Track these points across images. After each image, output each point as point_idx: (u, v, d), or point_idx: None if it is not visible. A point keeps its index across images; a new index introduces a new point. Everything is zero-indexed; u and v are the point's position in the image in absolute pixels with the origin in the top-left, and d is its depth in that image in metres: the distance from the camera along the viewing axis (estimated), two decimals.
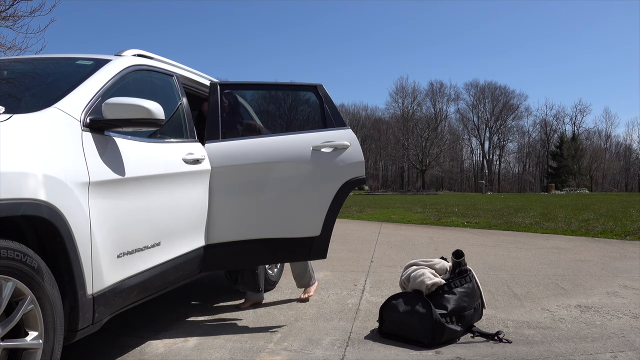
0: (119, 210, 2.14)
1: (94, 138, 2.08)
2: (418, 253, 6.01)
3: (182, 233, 2.69)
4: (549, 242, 7.21)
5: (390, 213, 12.96)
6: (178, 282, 2.77)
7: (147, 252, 2.36)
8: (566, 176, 55.74)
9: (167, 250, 2.54)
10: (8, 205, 1.59)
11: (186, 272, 2.80)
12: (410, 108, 61.80)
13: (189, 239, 2.76)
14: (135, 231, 2.27)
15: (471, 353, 2.56)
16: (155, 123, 2.19)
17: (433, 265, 3.07)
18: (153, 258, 2.42)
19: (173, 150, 2.69)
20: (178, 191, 2.63)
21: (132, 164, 2.24)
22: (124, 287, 2.19)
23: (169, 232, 2.55)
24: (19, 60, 2.87)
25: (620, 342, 2.73)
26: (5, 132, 1.69)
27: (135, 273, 2.27)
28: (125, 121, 2.12)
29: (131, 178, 2.22)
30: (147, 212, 2.37)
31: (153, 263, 2.42)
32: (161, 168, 2.50)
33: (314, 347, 2.67)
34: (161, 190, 2.48)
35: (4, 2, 8.45)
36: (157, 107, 2.18)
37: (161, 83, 2.90)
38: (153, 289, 2.48)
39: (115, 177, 2.11)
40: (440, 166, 59.61)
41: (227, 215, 2.98)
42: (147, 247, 2.37)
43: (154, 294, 2.54)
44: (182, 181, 2.67)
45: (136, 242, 2.28)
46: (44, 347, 1.73)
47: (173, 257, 2.60)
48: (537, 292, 3.96)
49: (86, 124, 2.08)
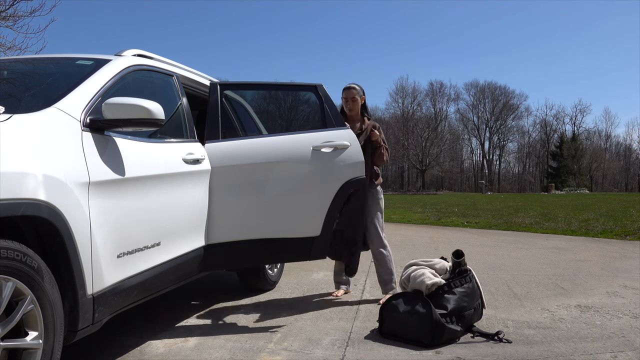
0: (119, 210, 2.14)
1: (94, 138, 2.08)
2: (418, 253, 6.01)
3: (182, 233, 2.69)
4: (549, 242, 7.21)
5: (390, 213, 12.96)
6: (178, 282, 2.77)
7: (147, 252, 2.36)
8: (566, 176, 55.75)
9: (167, 250, 2.54)
10: (8, 205, 1.59)
11: (186, 272, 2.80)
12: (410, 108, 61.80)
13: (189, 239, 2.76)
14: (135, 231, 2.26)
15: (471, 353, 2.56)
16: (155, 123, 2.19)
17: (433, 265, 3.07)
18: (153, 258, 2.41)
19: (173, 150, 2.69)
20: (178, 191, 2.63)
21: (132, 164, 2.24)
22: (124, 287, 2.19)
23: (169, 232, 2.55)
24: (19, 60, 2.87)
25: (620, 342, 2.73)
26: (5, 132, 1.69)
27: (136, 273, 2.27)
28: (125, 121, 2.12)
29: (131, 178, 2.22)
30: (147, 212, 2.37)
31: (153, 263, 2.41)
32: (161, 168, 2.50)
33: (314, 347, 2.67)
34: (161, 190, 2.48)
35: (4, 2, 8.46)
36: (157, 107, 2.18)
37: (161, 83, 2.90)
38: (153, 289, 2.48)
39: (115, 177, 2.11)
40: (440, 166, 59.62)
41: (227, 215, 2.97)
42: (147, 247, 2.36)
43: (154, 294, 2.54)
44: (182, 181, 2.67)
45: (136, 242, 2.27)
46: (44, 347, 1.73)
47: (173, 257, 2.60)
48: (537, 292, 3.96)
49: (86, 124, 2.08)
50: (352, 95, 3.72)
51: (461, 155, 65.73)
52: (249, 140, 3.14)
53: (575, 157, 57.32)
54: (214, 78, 3.58)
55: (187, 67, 3.34)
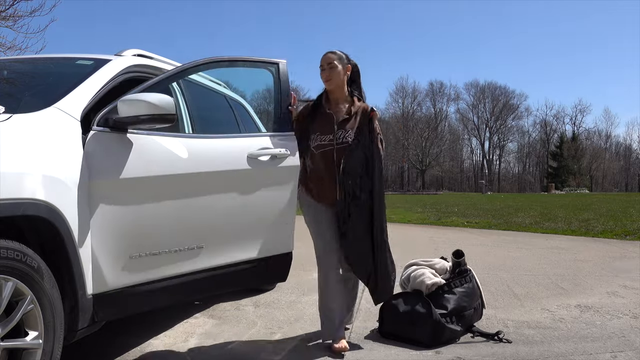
0: (120, 211, 2.10)
1: (94, 137, 2.06)
2: (418, 253, 6.00)
3: (221, 242, 2.44)
4: (549, 242, 7.21)
5: (390, 213, 12.94)
6: (188, 298, 2.58)
7: (153, 259, 2.18)
8: (566, 176, 55.79)
9: (198, 259, 2.31)
10: (8, 205, 1.58)
11: (194, 291, 2.45)
12: (410, 108, 61.87)
13: (231, 248, 2.49)
14: (137, 234, 2.13)
15: (471, 353, 2.56)
16: (167, 119, 2.09)
17: (433, 265, 3.07)
18: (177, 265, 2.24)
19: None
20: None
21: (132, 164, 2.21)
22: (125, 292, 2.11)
23: (202, 238, 2.33)
24: (19, 60, 2.87)
25: (620, 342, 2.73)
26: (5, 132, 1.69)
27: (142, 280, 2.15)
28: (135, 118, 2.05)
29: (131, 178, 2.19)
30: (165, 215, 2.21)
31: (176, 270, 2.24)
32: (179, 167, 2.31)
33: (314, 347, 2.66)
34: (180, 192, 2.29)
35: (4, 2, 8.46)
36: (162, 100, 2.07)
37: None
38: (158, 302, 2.31)
39: (115, 177, 2.09)
40: (440, 166, 59.65)
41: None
42: (171, 252, 2.20)
43: (159, 306, 2.38)
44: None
45: (138, 246, 2.13)
46: (44, 347, 1.73)
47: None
48: (537, 292, 3.96)
49: (85, 123, 2.07)
50: (328, 61, 2.73)
51: (461, 155, 65.81)
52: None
53: (575, 157, 57.36)
54: (214, 78, 3.57)
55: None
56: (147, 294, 2.19)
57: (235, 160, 2.46)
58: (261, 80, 2.99)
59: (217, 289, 2.60)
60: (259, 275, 2.65)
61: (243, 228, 2.50)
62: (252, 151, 2.50)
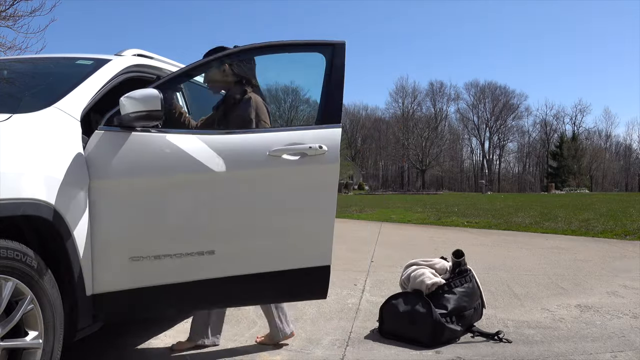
0: (120, 211, 2.08)
1: (94, 137, 2.06)
2: (418, 253, 6.00)
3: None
4: (549, 241, 7.21)
5: (390, 213, 12.96)
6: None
7: (155, 262, 2.08)
8: (566, 176, 55.80)
9: (210, 265, 2.14)
10: (8, 205, 1.59)
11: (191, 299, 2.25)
12: (410, 108, 61.90)
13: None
14: (137, 235, 2.07)
15: (471, 353, 2.56)
16: (153, 116, 2.02)
17: (433, 265, 3.07)
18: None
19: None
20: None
21: (132, 164, 2.20)
22: (126, 293, 2.06)
23: (213, 241, 2.16)
24: (19, 60, 2.87)
25: (620, 342, 2.73)
26: (5, 132, 1.69)
27: (143, 283, 2.07)
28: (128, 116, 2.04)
29: (132, 178, 2.17)
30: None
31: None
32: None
33: (314, 347, 2.67)
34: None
35: (4, 2, 8.46)
36: (146, 96, 1.99)
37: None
38: (161, 307, 2.23)
39: (115, 177, 2.08)
40: (440, 166, 59.66)
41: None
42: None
43: (162, 312, 2.33)
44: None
45: (139, 248, 2.07)
46: (44, 347, 1.73)
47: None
48: (537, 291, 3.96)
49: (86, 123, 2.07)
50: None
51: (461, 155, 65.85)
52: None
53: (575, 157, 57.38)
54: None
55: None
56: (149, 299, 2.10)
57: (251, 159, 2.17)
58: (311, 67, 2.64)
59: (230, 302, 2.40)
60: (283, 291, 2.32)
61: (263, 235, 2.22)
62: (276, 147, 2.18)
